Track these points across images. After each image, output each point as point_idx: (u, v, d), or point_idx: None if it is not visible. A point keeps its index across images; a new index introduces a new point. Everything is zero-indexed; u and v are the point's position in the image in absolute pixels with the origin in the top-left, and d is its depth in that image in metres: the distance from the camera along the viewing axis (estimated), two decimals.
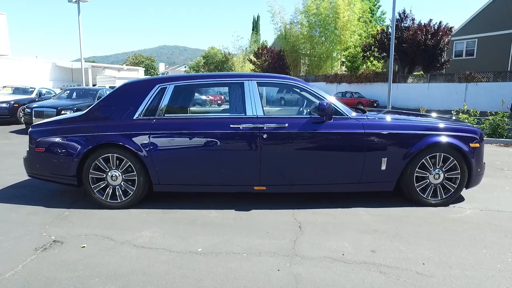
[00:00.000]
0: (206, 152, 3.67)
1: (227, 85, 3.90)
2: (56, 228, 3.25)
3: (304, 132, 3.69)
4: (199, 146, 3.66)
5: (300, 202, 3.94)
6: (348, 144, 3.74)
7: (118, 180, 3.74)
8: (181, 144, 3.66)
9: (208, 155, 3.68)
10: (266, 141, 3.63)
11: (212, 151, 3.67)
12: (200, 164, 3.69)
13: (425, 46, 22.17)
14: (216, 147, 3.66)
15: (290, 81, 3.97)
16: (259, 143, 3.63)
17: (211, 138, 3.65)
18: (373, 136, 3.72)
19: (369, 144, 3.72)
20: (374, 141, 3.73)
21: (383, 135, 3.73)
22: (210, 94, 21.37)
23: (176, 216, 3.56)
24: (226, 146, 3.66)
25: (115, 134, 3.66)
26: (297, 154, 3.71)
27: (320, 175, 3.78)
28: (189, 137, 3.66)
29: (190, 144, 3.66)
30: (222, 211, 3.67)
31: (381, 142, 3.74)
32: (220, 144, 3.66)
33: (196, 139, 3.66)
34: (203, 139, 3.65)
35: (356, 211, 3.72)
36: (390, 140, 3.75)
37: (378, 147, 3.74)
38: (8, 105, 10.97)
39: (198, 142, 3.66)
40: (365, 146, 3.72)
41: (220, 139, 3.65)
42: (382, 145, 3.74)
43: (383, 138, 3.73)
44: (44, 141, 3.78)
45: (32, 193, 4.26)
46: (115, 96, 3.91)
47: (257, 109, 3.73)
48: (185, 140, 3.66)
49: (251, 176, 3.72)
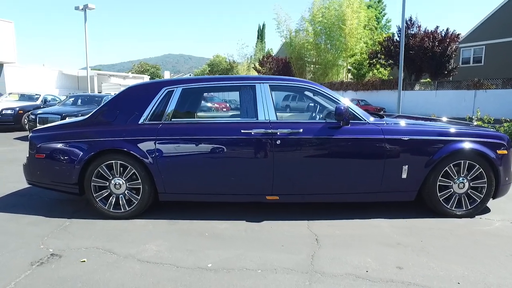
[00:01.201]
0: (216, 159, 3.45)
1: (237, 88, 3.69)
2: (55, 239, 3.03)
3: (320, 138, 3.46)
4: (208, 152, 3.44)
5: (315, 213, 3.69)
6: (366, 151, 3.50)
7: (121, 188, 3.52)
8: (188, 150, 3.45)
9: (217, 162, 3.46)
10: (279, 147, 3.41)
11: (221, 158, 3.44)
12: (209, 171, 3.47)
13: (432, 53, 21.94)
14: (226, 153, 3.44)
15: (305, 84, 3.75)
16: (272, 149, 3.40)
17: (221, 144, 3.43)
18: (393, 142, 3.48)
19: (389, 150, 3.48)
20: (394, 147, 3.49)
21: (403, 141, 3.49)
22: (215, 102, 21.20)
23: (183, 227, 3.33)
24: (236, 152, 3.44)
25: (119, 139, 3.46)
26: (312, 161, 3.48)
27: (337, 184, 3.54)
28: (197, 143, 3.44)
29: (198, 151, 3.44)
30: (232, 222, 3.44)
31: (402, 148, 3.50)
32: (230, 151, 3.43)
33: (205, 145, 3.44)
34: (212, 145, 3.44)
35: (376, 223, 3.47)
36: (411, 147, 3.51)
37: (399, 154, 3.50)
38: (13, 111, 10.88)
39: (207, 148, 3.44)
40: (385, 153, 3.48)
41: (230, 145, 3.43)
42: (403, 152, 3.50)
43: (404, 144, 3.49)
44: (44, 147, 3.59)
45: (32, 201, 4.06)
46: (120, 99, 3.72)
47: (269, 114, 3.51)
48: (193, 146, 3.44)
49: (263, 185, 3.48)
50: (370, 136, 3.49)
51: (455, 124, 3.94)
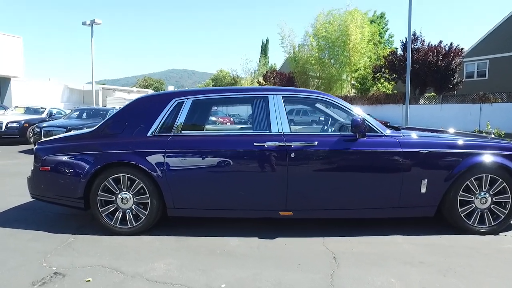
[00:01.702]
0: (227, 172, 3.31)
1: (249, 100, 3.59)
2: (59, 257, 2.88)
3: (336, 151, 3.32)
4: (219, 166, 3.31)
5: (330, 229, 3.52)
6: (384, 164, 3.36)
7: (129, 203, 3.38)
8: (199, 163, 3.31)
9: (229, 176, 3.32)
10: (293, 161, 3.27)
11: (233, 171, 3.31)
12: (220, 186, 3.33)
13: (436, 67, 21.95)
14: (238, 167, 3.30)
15: (319, 95, 3.64)
16: (286, 162, 3.27)
17: (233, 157, 3.30)
18: (411, 156, 3.34)
19: (408, 164, 3.33)
20: (413, 161, 3.34)
21: (422, 154, 3.35)
22: (219, 116, 21.13)
23: (193, 244, 3.16)
24: (249, 166, 3.30)
25: (127, 152, 3.34)
26: (327, 175, 3.34)
27: (353, 199, 3.39)
28: (208, 156, 3.31)
29: (209, 164, 3.31)
30: (244, 239, 3.27)
31: (421, 162, 3.35)
32: (242, 164, 3.30)
33: (216, 158, 3.31)
34: (224, 158, 3.30)
35: (394, 239, 3.29)
36: (431, 160, 3.36)
37: (418, 167, 3.35)
38: (18, 124, 10.85)
39: (218, 162, 3.31)
40: (403, 167, 3.33)
41: (242, 158, 3.30)
42: (422, 166, 3.35)
43: (422, 157, 3.35)
44: (50, 160, 3.47)
45: (35, 216, 3.91)
46: (128, 111, 3.62)
47: (283, 126, 3.39)
48: (203, 159, 3.31)
49: (276, 200, 3.33)
50: (387, 149, 3.35)
51: (473, 137, 3.80)
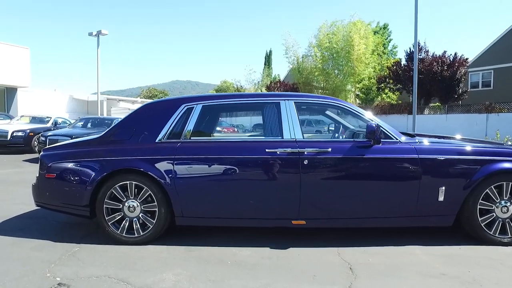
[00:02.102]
0: (238, 180, 3.21)
1: (261, 105, 3.50)
2: (63, 267, 2.76)
3: (350, 158, 3.22)
4: (229, 173, 3.20)
5: (344, 239, 3.39)
6: (400, 172, 3.24)
7: (136, 211, 3.27)
8: (209, 170, 3.21)
9: (240, 184, 3.21)
10: (307, 168, 3.16)
11: (244, 179, 3.20)
12: (230, 193, 3.22)
13: (441, 77, 21.89)
14: (249, 174, 3.20)
15: (333, 101, 3.55)
16: (299, 170, 3.16)
17: (244, 164, 3.20)
18: (428, 162, 3.22)
19: (424, 171, 3.21)
20: (430, 167, 3.22)
21: (440, 161, 3.23)
22: (223, 126, 21.07)
23: (202, 254, 3.04)
24: (260, 173, 3.19)
25: (134, 158, 3.25)
26: (341, 183, 3.22)
27: (368, 208, 3.26)
28: (218, 162, 3.21)
29: (219, 171, 3.21)
30: (255, 249, 3.15)
31: (438, 169, 3.23)
32: (254, 171, 3.20)
33: (226, 165, 3.20)
34: (235, 165, 3.20)
35: (411, 250, 3.15)
36: (448, 167, 3.24)
37: (435, 174, 3.23)
38: (23, 133, 10.83)
39: (229, 169, 3.20)
40: (420, 174, 3.21)
41: (254, 165, 3.19)
42: (439, 173, 3.23)
43: (440, 164, 3.23)
44: (55, 166, 3.39)
45: (38, 225, 3.81)
46: (136, 117, 3.54)
47: (295, 132, 3.29)
48: (213, 166, 3.21)
49: (289, 208, 3.21)
50: (403, 156, 3.24)
51: (491, 143, 3.69)
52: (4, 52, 19.93)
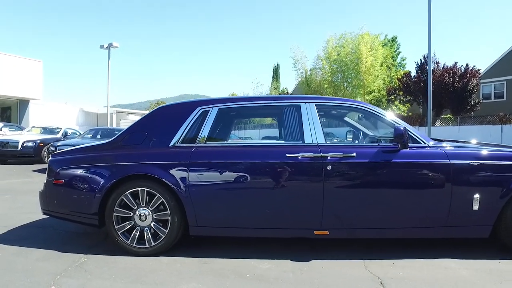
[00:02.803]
0: (256, 187, 3.00)
1: (280, 108, 3.33)
2: (69, 279, 2.56)
3: (376, 163, 3.00)
4: (247, 180, 3.00)
5: (369, 250, 3.14)
6: (430, 178, 3.01)
7: (147, 220, 3.07)
8: (226, 177, 3.01)
9: (258, 191, 3.00)
10: (330, 174, 2.95)
11: (263, 186, 2.99)
12: (248, 202, 3.01)
13: (453, 89, 21.59)
14: (268, 181, 2.99)
15: (356, 104, 3.35)
16: (322, 175, 2.94)
17: (263, 170, 3.00)
18: (461, 168, 2.99)
19: (457, 177, 2.97)
20: (463, 174, 2.99)
21: (473, 167, 2.99)
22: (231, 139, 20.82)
23: (218, 267, 2.82)
24: (280, 180, 2.98)
25: (147, 163, 3.07)
26: (367, 190, 3.00)
27: (397, 217, 3.02)
28: (236, 168, 3.01)
29: (237, 177, 3.01)
30: (275, 262, 2.91)
31: (472, 175, 2.99)
32: (273, 178, 2.99)
33: (245, 171, 3.01)
34: (253, 171, 3.00)
35: (446, 263, 2.89)
36: (483, 173, 3.00)
37: (469, 181, 2.99)
38: (34, 144, 10.80)
39: (246, 175, 3.00)
40: (452, 181, 2.97)
41: (274, 171, 2.99)
42: (473, 179, 2.99)
43: (473, 170, 2.99)
44: (64, 172, 3.23)
45: (45, 234, 3.63)
46: (148, 120, 3.38)
47: (317, 136, 3.09)
48: (230, 172, 3.01)
49: (311, 218, 2.99)
50: (433, 161, 3.01)
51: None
52: (17, 65, 20.25)
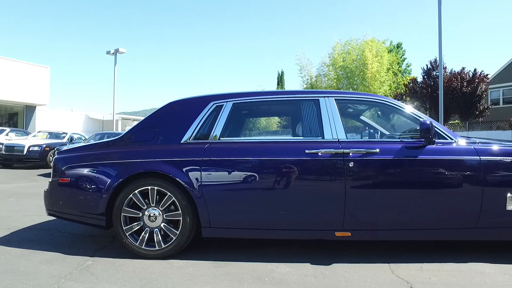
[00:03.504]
0: (273, 186, 2.81)
1: (297, 103, 3.15)
2: (74, 282, 2.39)
3: (401, 160, 2.81)
4: (263, 178, 2.82)
5: (393, 254, 2.93)
6: (458, 176, 2.81)
7: (157, 221, 2.90)
8: (241, 175, 2.83)
9: (275, 190, 2.81)
10: (352, 171, 2.76)
11: (281, 184, 2.81)
12: (265, 201, 2.82)
13: (461, 94, 21.34)
14: (287, 179, 2.81)
15: (377, 98, 3.17)
16: (344, 173, 2.76)
17: (280, 168, 2.82)
18: (492, 165, 2.79)
19: (488, 175, 2.77)
20: (495, 171, 2.78)
21: (506, 164, 2.79)
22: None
23: (234, 270, 2.63)
24: (299, 177, 2.80)
25: (157, 161, 2.91)
26: (392, 188, 2.80)
27: (423, 218, 2.81)
28: (252, 166, 2.84)
29: (253, 175, 2.82)
30: (294, 265, 2.72)
31: (504, 173, 2.79)
32: (292, 175, 2.80)
33: (261, 168, 2.83)
34: (270, 169, 2.82)
35: (480, 268, 2.67)
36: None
37: (501, 179, 2.79)
38: (40, 148, 10.72)
39: (263, 173, 2.82)
40: (483, 179, 2.77)
41: (292, 168, 2.81)
42: (506, 177, 2.79)
43: (506, 167, 2.79)
44: (70, 170, 3.07)
45: (50, 236, 3.46)
46: (159, 116, 3.22)
47: (337, 132, 2.92)
48: (246, 169, 2.83)
49: (332, 218, 2.79)
50: (462, 157, 2.81)
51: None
52: (25, 71, 20.34)
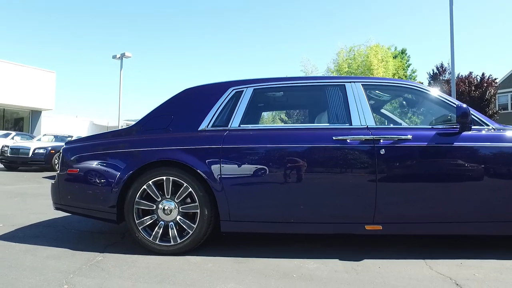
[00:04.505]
0: (298, 175, 2.60)
1: (321, 89, 2.95)
2: (84, 278, 2.18)
3: (436, 147, 2.59)
4: (288, 166, 2.61)
5: (427, 249, 2.70)
6: (499, 164, 2.59)
7: (172, 214, 2.69)
8: (263, 163, 2.62)
9: (300, 180, 2.60)
10: (384, 159, 2.55)
11: (306, 173, 2.60)
12: (289, 192, 2.61)
13: (469, 98, 21.08)
14: (313, 167, 2.60)
15: (407, 84, 2.97)
16: (375, 162, 2.55)
17: (306, 156, 2.61)
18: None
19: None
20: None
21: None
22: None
23: (257, 266, 2.41)
24: (326, 166, 2.60)
25: (173, 149, 2.71)
26: (427, 177, 2.58)
27: (461, 210, 2.59)
28: (275, 153, 2.63)
29: (276, 164, 2.62)
30: (322, 261, 2.49)
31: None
32: (318, 164, 2.60)
33: (285, 156, 2.62)
34: (294, 157, 2.62)
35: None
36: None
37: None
38: (45, 151, 10.56)
39: (287, 161, 2.61)
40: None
41: (318, 156, 2.60)
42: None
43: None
44: (79, 161, 2.89)
45: (56, 233, 3.26)
46: (175, 102, 3.03)
47: (365, 118, 2.71)
48: (268, 158, 2.63)
49: (362, 210, 2.57)
50: (503, 145, 2.60)
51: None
52: (31, 75, 20.39)
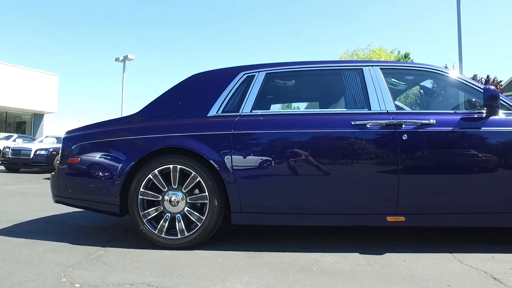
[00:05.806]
0: (315, 162, 2.43)
1: (337, 73, 2.78)
2: (84, 271, 2.00)
3: (462, 132, 2.42)
4: (303, 154, 2.44)
5: (452, 242, 2.50)
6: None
7: (179, 205, 2.51)
8: (277, 150, 2.45)
9: (318, 168, 2.42)
10: (406, 146, 2.37)
11: (324, 161, 2.42)
12: (305, 181, 2.43)
13: None
14: (330, 154, 2.42)
15: (429, 68, 2.77)
16: (397, 148, 2.37)
17: (322, 142, 2.44)
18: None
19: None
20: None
21: None
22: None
23: (272, 260, 2.22)
24: (345, 153, 2.42)
25: (181, 135, 2.54)
26: (452, 164, 2.40)
27: (491, 200, 2.40)
28: (289, 140, 2.46)
29: (291, 151, 2.45)
30: (341, 255, 2.31)
31: None
32: (336, 150, 2.42)
33: (300, 143, 2.45)
34: (310, 143, 2.45)
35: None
36: None
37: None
38: (46, 152, 10.42)
39: (302, 148, 2.44)
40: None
41: (336, 143, 2.42)
42: None
43: None
44: (80, 149, 2.73)
45: (55, 228, 3.09)
46: (182, 88, 2.87)
47: (385, 103, 2.54)
48: (283, 144, 2.46)
49: (383, 200, 2.39)
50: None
51: None
52: (33, 78, 20.36)
